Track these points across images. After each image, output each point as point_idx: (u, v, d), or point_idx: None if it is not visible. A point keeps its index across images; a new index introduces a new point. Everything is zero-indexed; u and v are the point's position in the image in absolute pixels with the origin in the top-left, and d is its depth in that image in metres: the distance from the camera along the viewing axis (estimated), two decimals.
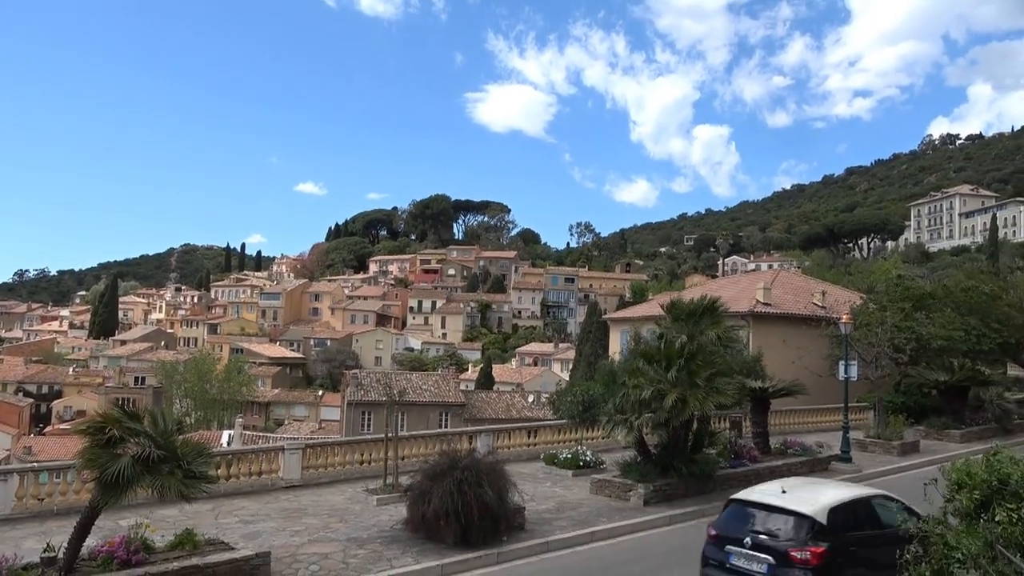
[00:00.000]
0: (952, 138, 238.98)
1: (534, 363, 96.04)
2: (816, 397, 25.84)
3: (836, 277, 77.35)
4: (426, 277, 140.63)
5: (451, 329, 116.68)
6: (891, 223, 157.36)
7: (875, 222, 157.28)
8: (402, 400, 43.94)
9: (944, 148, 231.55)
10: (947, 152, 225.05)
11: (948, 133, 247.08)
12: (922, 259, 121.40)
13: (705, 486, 16.42)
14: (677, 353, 15.72)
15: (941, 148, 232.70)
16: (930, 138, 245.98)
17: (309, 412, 77.54)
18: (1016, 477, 5.30)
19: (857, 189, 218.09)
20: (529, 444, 21.57)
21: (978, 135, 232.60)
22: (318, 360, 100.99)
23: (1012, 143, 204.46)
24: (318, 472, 17.47)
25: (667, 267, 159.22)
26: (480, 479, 11.94)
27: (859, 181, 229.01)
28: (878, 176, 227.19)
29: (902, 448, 22.78)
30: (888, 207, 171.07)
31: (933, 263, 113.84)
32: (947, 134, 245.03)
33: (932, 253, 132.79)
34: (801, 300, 35.23)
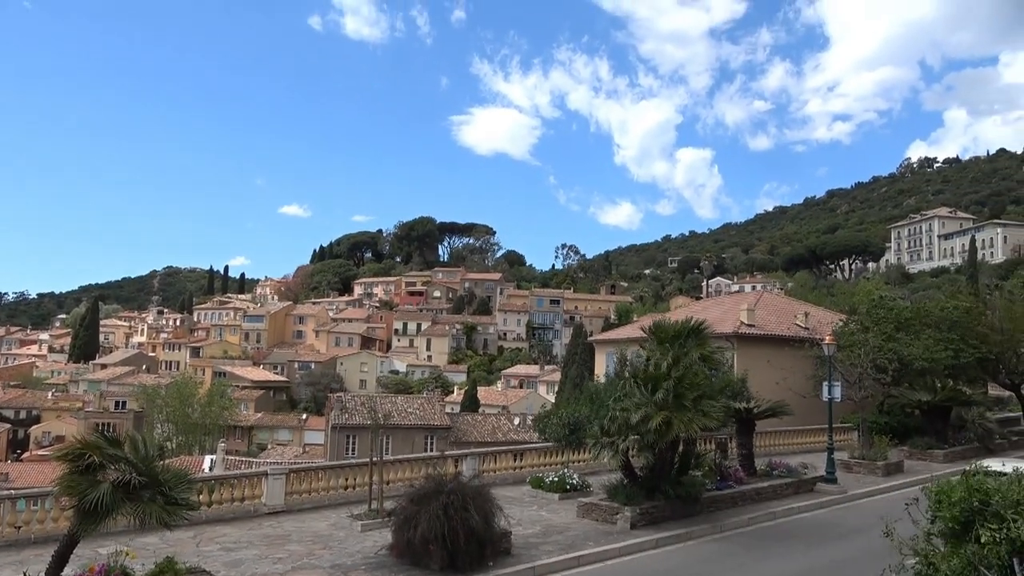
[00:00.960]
0: (930, 161, 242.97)
1: (520, 385, 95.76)
2: (801, 418, 25.94)
3: (819, 298, 77.96)
4: (411, 299, 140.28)
5: (436, 351, 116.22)
6: (872, 245, 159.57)
7: (856, 244, 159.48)
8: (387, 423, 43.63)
9: (922, 171, 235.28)
10: (925, 175, 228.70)
11: (926, 156, 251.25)
12: (903, 280, 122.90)
13: (691, 509, 16.39)
14: (663, 375, 15.75)
15: (920, 171, 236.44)
16: (909, 161, 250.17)
17: (293, 436, 76.67)
18: (997, 497, 5.37)
19: (838, 211, 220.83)
20: (515, 467, 21.45)
21: (955, 159, 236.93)
22: (302, 383, 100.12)
23: (988, 166, 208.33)
24: (302, 498, 17.26)
25: (652, 289, 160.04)
26: (466, 503, 11.86)
27: (840, 203, 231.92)
28: (859, 199, 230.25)
29: (886, 468, 22.87)
30: (869, 229, 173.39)
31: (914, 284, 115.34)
32: (925, 157, 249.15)
33: (913, 274, 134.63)
34: (784, 321, 35.46)
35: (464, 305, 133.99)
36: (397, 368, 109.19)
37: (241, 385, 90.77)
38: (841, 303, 65.55)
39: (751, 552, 14.26)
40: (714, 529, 15.79)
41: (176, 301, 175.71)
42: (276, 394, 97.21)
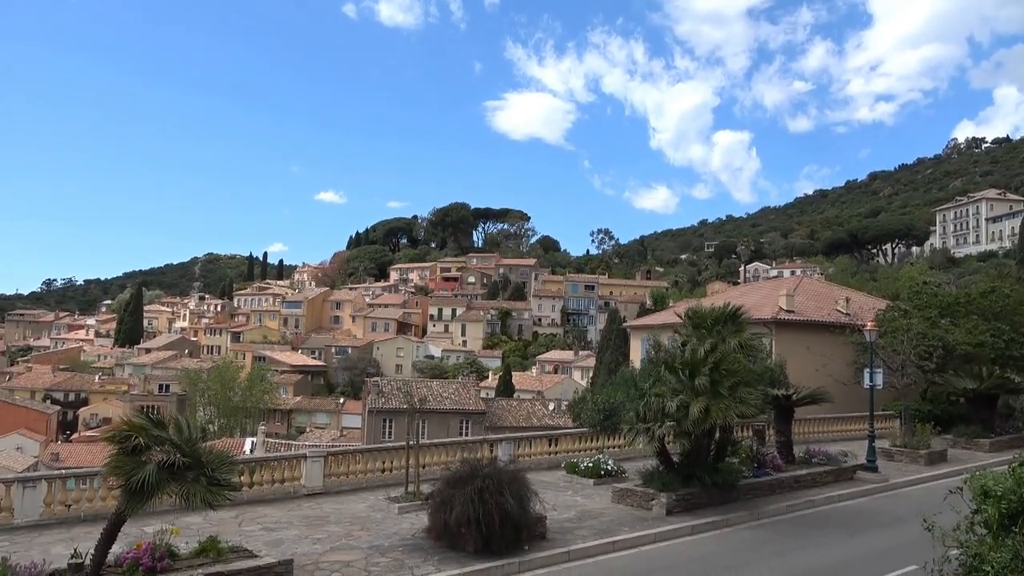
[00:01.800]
0: (978, 142, 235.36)
1: (554, 371, 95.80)
2: (841, 405, 25.50)
3: (860, 283, 76.41)
4: (446, 285, 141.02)
5: (471, 337, 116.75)
6: (916, 228, 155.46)
7: (899, 227, 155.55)
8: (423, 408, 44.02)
9: (970, 152, 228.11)
10: (973, 156, 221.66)
11: (974, 137, 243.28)
12: (948, 265, 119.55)
13: (728, 496, 16.26)
14: (700, 362, 15.61)
15: (966, 152, 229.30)
16: (955, 142, 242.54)
17: (331, 420, 77.91)
18: None
19: (881, 194, 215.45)
20: (550, 452, 21.50)
21: (1005, 138, 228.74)
22: (339, 368, 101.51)
23: None
24: (340, 480, 17.54)
25: (688, 274, 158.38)
26: (501, 487, 11.93)
27: (883, 186, 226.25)
28: (902, 181, 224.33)
29: (929, 457, 22.40)
30: (912, 212, 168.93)
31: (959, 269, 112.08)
32: (972, 138, 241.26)
33: (958, 259, 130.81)
34: (824, 307, 34.84)
35: (499, 290, 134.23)
36: (432, 353, 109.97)
37: (280, 369, 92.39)
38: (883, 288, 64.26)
39: (789, 540, 14.12)
40: (751, 516, 15.66)
41: (217, 287, 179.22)
42: (314, 378, 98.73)
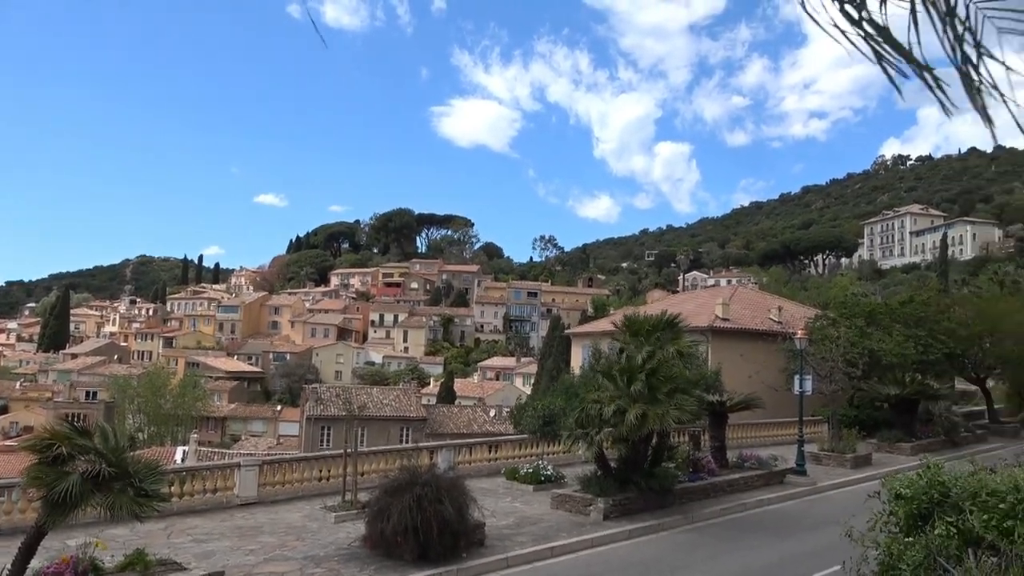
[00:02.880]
0: (903, 159, 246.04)
1: (496, 377, 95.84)
2: (772, 411, 26.32)
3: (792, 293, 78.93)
4: (388, 291, 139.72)
5: (413, 343, 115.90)
6: (845, 241, 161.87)
7: (830, 239, 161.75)
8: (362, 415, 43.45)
9: (896, 169, 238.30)
10: (898, 172, 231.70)
11: (899, 154, 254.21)
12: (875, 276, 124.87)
13: (664, 500, 16.57)
14: (638, 368, 15.89)
15: (893, 168, 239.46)
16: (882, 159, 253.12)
17: (267, 427, 76.12)
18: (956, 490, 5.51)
19: (813, 207, 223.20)
20: (490, 459, 21.53)
21: (927, 156, 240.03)
22: (277, 374, 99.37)
23: (959, 165, 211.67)
24: (275, 489, 17.18)
25: (629, 282, 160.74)
26: (440, 495, 11.89)
27: (815, 199, 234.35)
28: (833, 195, 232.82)
29: (855, 461, 23.28)
30: (842, 225, 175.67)
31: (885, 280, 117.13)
32: (898, 155, 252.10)
33: (884, 270, 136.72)
34: (758, 315, 35.89)
35: (441, 297, 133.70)
36: (373, 360, 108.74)
37: (215, 376, 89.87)
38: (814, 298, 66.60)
39: (722, 543, 14.46)
40: (686, 520, 15.99)
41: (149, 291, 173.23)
42: (250, 385, 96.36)
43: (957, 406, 34.20)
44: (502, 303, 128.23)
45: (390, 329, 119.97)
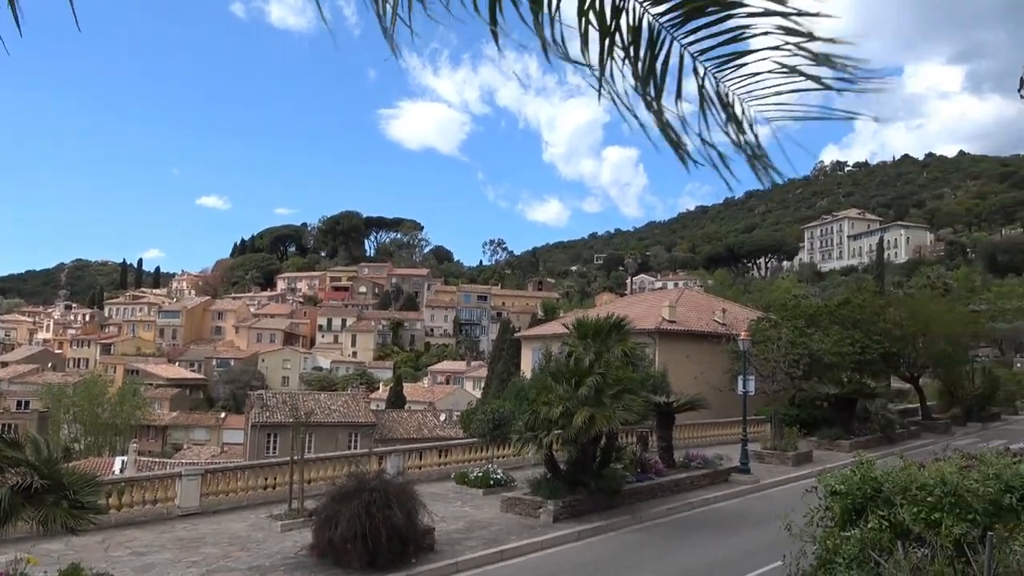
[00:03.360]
0: (841, 165, 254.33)
1: (446, 381, 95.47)
2: (717, 411, 26.87)
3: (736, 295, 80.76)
4: (336, 295, 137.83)
5: (362, 347, 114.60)
6: (787, 244, 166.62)
7: (772, 243, 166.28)
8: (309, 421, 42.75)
9: (834, 174, 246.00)
10: (837, 178, 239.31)
11: (837, 160, 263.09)
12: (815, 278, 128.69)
13: (612, 501, 16.75)
14: (586, 371, 16.04)
15: (832, 174, 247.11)
16: (822, 165, 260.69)
17: (210, 435, 74.23)
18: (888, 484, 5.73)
19: (756, 212, 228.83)
20: (440, 463, 21.43)
21: (864, 163, 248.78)
22: (221, 381, 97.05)
23: (893, 171, 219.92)
24: (219, 499, 16.77)
25: (578, 285, 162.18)
26: (389, 501, 11.79)
27: (758, 204, 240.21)
28: (775, 200, 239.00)
29: (796, 459, 23.92)
30: (784, 229, 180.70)
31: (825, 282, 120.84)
32: (837, 161, 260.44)
33: (824, 273, 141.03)
34: (704, 317, 36.59)
35: (391, 301, 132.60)
36: (321, 365, 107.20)
37: (155, 383, 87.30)
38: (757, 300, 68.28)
39: (668, 542, 14.69)
40: (634, 520, 16.20)
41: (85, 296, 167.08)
42: (193, 392, 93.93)
43: (893, 404, 35.51)
44: (452, 307, 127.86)
45: (338, 334, 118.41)
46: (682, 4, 2.45)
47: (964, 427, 35.89)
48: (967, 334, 37.73)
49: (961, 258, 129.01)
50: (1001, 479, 5.58)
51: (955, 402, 38.31)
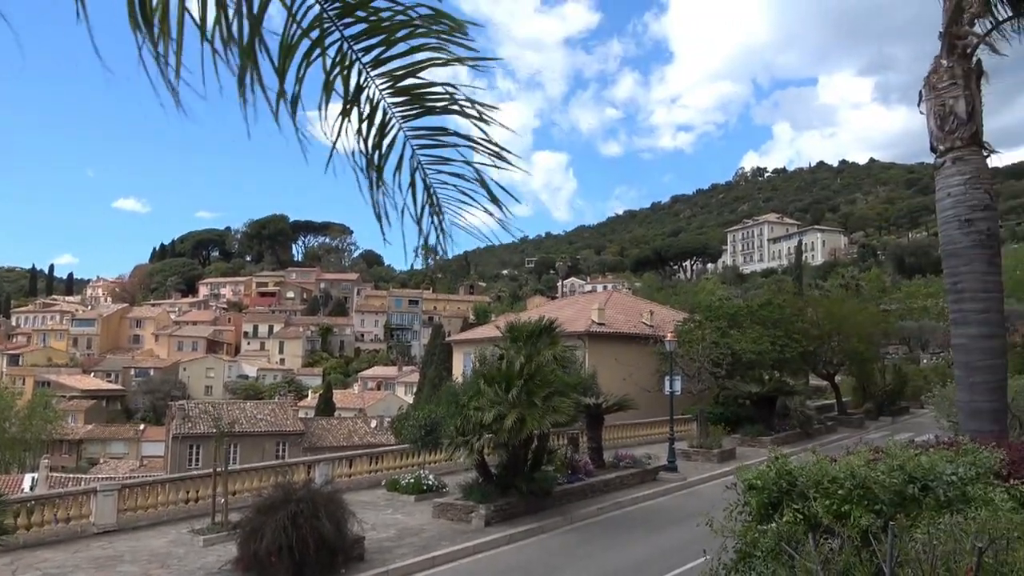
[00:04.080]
0: (761, 171, 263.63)
1: (377, 387, 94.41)
2: (646, 411, 27.40)
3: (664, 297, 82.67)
4: (262, 300, 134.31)
5: (290, 354, 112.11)
6: (711, 247, 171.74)
7: (697, 246, 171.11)
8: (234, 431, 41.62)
9: (755, 180, 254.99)
10: (757, 184, 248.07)
11: (757, 166, 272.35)
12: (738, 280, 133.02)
13: (544, 503, 16.89)
14: (516, 374, 16.12)
15: (752, 180, 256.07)
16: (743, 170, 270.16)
17: (129, 449, 71.17)
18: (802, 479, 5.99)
19: (681, 216, 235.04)
20: (371, 471, 21.16)
21: (782, 169, 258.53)
22: (139, 391, 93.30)
23: (809, 177, 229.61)
24: (137, 515, 16.10)
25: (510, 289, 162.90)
26: (317, 511, 11.56)
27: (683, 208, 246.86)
28: (699, 204, 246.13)
29: (721, 456, 24.63)
30: (708, 233, 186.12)
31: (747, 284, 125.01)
32: (757, 167, 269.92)
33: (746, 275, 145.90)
34: (632, 320, 37.30)
35: (319, 306, 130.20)
36: (247, 373, 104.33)
37: (68, 395, 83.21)
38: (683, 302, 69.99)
39: (598, 542, 14.91)
40: (565, 521, 16.37)
41: None
42: (110, 404, 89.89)
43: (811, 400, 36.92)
44: (383, 312, 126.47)
45: (265, 340, 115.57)
46: (412, 101, 2.99)
47: (876, 421, 37.67)
48: (878, 332, 39.67)
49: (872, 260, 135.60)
50: (905, 470, 5.90)
51: (868, 397, 40.15)
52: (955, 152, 10.30)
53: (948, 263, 10.46)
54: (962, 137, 10.26)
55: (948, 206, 10.33)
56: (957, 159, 10.29)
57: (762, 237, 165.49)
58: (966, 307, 10.15)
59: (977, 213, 10.08)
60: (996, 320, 10.20)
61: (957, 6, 10.54)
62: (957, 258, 10.21)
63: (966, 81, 10.35)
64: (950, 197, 10.30)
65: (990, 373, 10.05)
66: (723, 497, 7.27)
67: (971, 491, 5.69)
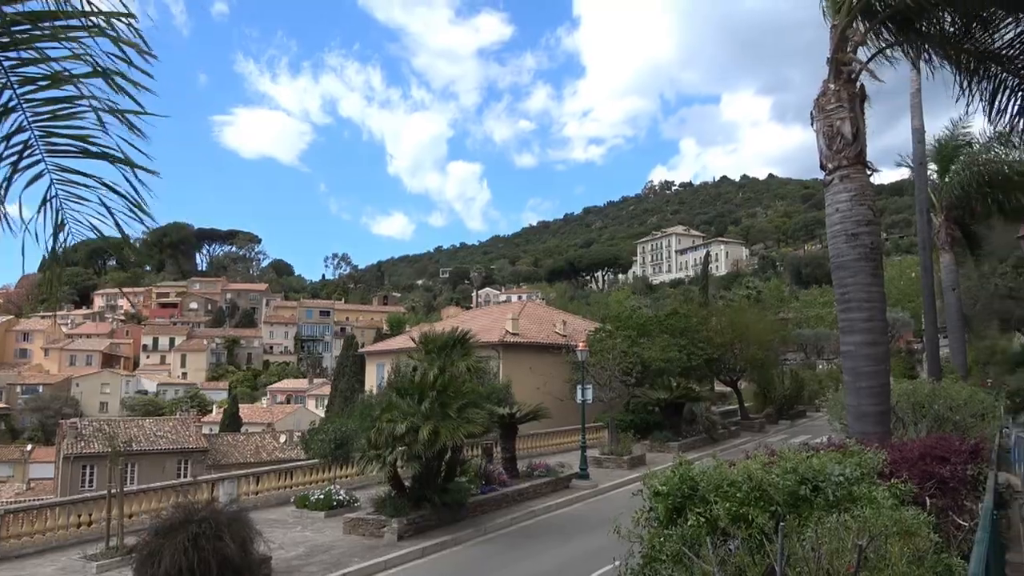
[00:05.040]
0: (669, 184, 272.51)
1: (287, 400, 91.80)
2: (559, 420, 27.78)
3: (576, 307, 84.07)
4: (163, 312, 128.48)
5: (193, 368, 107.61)
6: (622, 258, 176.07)
7: (608, 257, 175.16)
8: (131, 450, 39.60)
9: (663, 193, 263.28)
10: (665, 197, 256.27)
11: (665, 180, 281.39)
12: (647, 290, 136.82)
13: (457, 515, 16.83)
14: (429, 385, 16.04)
15: (660, 193, 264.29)
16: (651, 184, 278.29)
17: (14, 471, 66.41)
18: (704, 483, 6.24)
19: (593, 227, 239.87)
20: (280, 488, 20.54)
21: (689, 183, 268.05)
22: (27, 409, 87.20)
23: (714, 191, 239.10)
24: (22, 541, 15.06)
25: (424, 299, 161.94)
26: (220, 531, 11.12)
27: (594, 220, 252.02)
28: (610, 216, 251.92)
29: (631, 462, 25.21)
30: (619, 244, 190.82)
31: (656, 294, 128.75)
32: (665, 181, 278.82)
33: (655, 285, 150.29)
34: (545, 330, 37.76)
35: (225, 317, 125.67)
36: (146, 388, 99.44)
37: None
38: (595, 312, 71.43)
39: (513, 551, 14.97)
40: (479, 532, 16.36)
41: None
42: None
43: (716, 406, 38.32)
44: (293, 323, 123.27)
45: (166, 354, 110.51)
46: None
47: (776, 425, 39.43)
48: (777, 340, 41.60)
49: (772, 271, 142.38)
50: (798, 472, 6.24)
51: (768, 402, 41.98)
52: (842, 170, 10.98)
53: (837, 275, 11.11)
54: (848, 156, 10.96)
55: (836, 221, 10.98)
56: (844, 177, 10.97)
57: (670, 248, 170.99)
58: (853, 316, 10.81)
59: (862, 228, 10.76)
60: (880, 328, 10.90)
61: (842, 35, 11.27)
62: (844, 270, 10.86)
63: (851, 104, 11.07)
64: (838, 212, 10.96)
65: (874, 378, 10.73)
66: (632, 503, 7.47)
67: (856, 490, 6.06)
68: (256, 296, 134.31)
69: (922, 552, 4.96)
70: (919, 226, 23.13)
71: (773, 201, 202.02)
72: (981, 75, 12.07)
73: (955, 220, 26.35)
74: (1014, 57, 11.59)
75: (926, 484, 7.50)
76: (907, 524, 5.26)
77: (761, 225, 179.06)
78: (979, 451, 9.36)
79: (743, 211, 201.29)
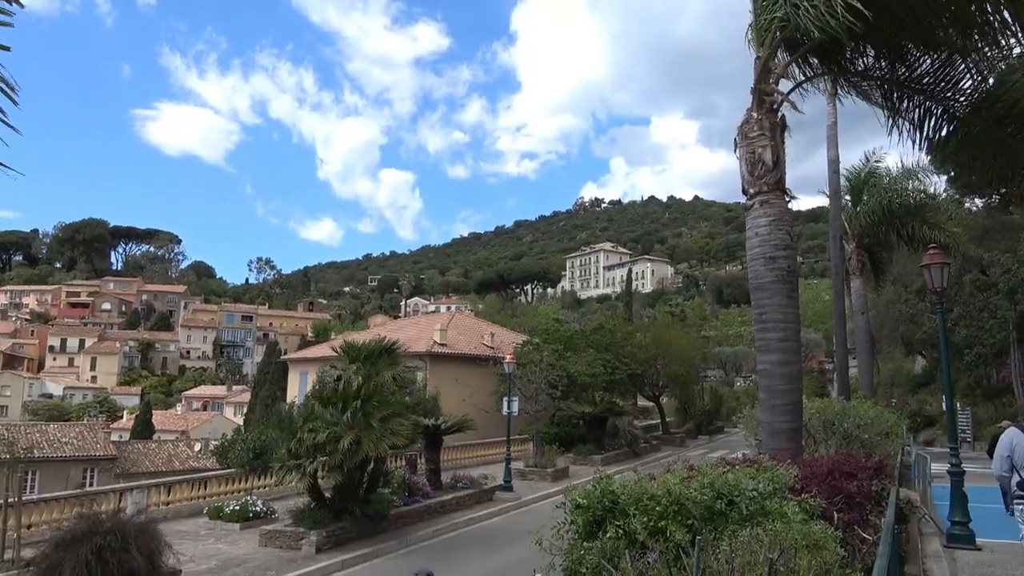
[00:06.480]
0: (599, 201, 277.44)
1: (204, 408, 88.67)
2: (484, 431, 27.78)
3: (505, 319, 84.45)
4: (73, 312, 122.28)
5: (103, 371, 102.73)
6: (551, 272, 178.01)
7: (538, 271, 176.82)
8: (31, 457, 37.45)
9: (593, 210, 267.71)
10: (595, 213, 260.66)
11: (595, 197, 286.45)
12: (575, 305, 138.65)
13: (379, 526, 16.59)
14: (353, 395, 15.80)
15: (590, 209, 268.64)
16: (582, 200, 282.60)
17: None
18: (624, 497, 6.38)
19: (524, 240, 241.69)
20: (193, 498, 19.78)
21: (617, 201, 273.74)
22: None
23: (641, 210, 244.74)
24: None
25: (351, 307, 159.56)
26: (126, 543, 10.62)
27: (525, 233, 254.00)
28: (541, 230, 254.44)
29: (555, 474, 25.41)
30: (548, 258, 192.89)
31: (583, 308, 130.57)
32: (595, 198, 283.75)
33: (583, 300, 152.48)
34: (473, 341, 37.76)
35: (140, 319, 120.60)
36: (51, 391, 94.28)
37: None
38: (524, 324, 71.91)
39: (434, 564, 14.79)
40: (400, 545, 16.16)
41: None
42: None
43: (638, 420, 39.09)
44: (213, 327, 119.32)
45: (74, 356, 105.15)
46: None
47: (696, 440, 40.51)
48: (698, 357, 42.85)
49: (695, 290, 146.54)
50: (714, 487, 6.44)
51: (689, 417, 43.13)
52: (762, 196, 11.45)
53: (755, 296, 11.54)
54: (768, 183, 11.44)
55: (756, 244, 11.43)
56: (764, 202, 11.43)
57: (598, 264, 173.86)
58: (769, 336, 11.25)
59: (779, 251, 11.23)
60: (794, 348, 11.38)
61: (765, 66, 11.79)
62: (762, 291, 11.30)
63: (772, 133, 11.57)
64: (757, 236, 11.41)
65: (788, 396, 11.18)
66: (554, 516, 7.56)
67: (769, 505, 6.30)
68: (174, 298, 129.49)
69: (829, 565, 5.21)
70: (832, 252, 24.30)
71: (698, 222, 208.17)
72: (907, 105, 12.83)
73: (865, 247, 27.79)
74: (934, 86, 12.33)
75: (834, 499, 7.82)
76: (815, 538, 5.51)
77: (686, 245, 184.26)
78: (883, 468, 9.86)
79: (669, 231, 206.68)
